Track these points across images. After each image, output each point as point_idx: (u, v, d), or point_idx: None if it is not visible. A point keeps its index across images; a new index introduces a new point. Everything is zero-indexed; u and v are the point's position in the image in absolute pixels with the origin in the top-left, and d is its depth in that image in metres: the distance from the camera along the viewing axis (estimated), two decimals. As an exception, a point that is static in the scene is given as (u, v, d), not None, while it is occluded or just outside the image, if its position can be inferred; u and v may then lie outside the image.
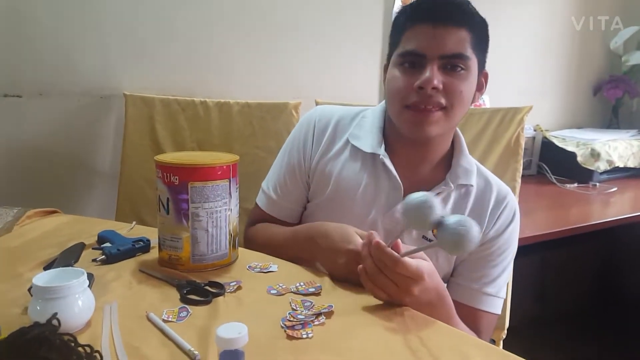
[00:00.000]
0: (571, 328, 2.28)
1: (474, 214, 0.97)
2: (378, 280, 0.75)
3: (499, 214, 0.98)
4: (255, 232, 1.09)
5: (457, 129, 1.02)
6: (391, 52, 0.96)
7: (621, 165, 2.23)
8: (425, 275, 0.74)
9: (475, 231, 0.67)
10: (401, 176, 0.97)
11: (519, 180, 1.31)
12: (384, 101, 1.03)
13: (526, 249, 1.46)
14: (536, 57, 2.43)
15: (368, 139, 1.00)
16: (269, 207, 1.09)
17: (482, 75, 0.97)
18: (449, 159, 1.01)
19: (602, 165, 2.16)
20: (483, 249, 0.98)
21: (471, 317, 0.95)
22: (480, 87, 0.98)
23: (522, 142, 1.33)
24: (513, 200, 1.01)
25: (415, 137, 0.94)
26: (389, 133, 1.01)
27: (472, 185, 0.98)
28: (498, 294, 0.99)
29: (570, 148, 2.20)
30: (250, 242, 1.08)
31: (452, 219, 0.69)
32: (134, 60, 1.53)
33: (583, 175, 2.18)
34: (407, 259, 0.73)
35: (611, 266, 2.53)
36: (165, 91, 1.56)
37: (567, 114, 2.61)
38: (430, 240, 0.96)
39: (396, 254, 0.73)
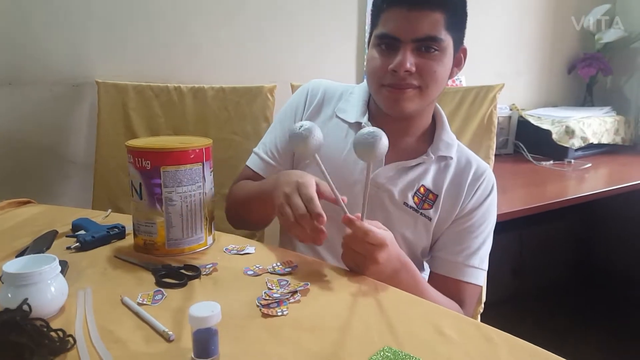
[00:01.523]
0: (548, 303, 2.33)
1: (453, 185, 1.02)
2: (348, 253, 0.80)
3: (477, 187, 1.02)
4: (237, 186, 1.11)
5: (438, 105, 1.07)
6: (371, 31, 0.99)
7: (595, 142, 2.27)
8: (387, 242, 0.78)
9: (382, 142, 0.75)
10: None
11: (493, 157, 1.33)
12: None
13: (504, 225, 1.48)
14: (511, 37, 2.45)
15: (353, 111, 1.06)
16: (260, 166, 1.11)
17: (461, 51, 1.00)
18: (431, 133, 1.05)
19: (576, 142, 2.20)
20: (464, 222, 1.02)
21: (455, 289, 0.99)
22: (459, 63, 1.01)
23: (495, 120, 1.35)
24: (491, 175, 1.06)
25: (392, 114, 0.98)
26: (372, 107, 1.06)
27: (451, 158, 1.03)
28: (481, 266, 1.02)
29: (545, 126, 2.23)
30: (230, 198, 1.11)
31: (365, 130, 0.77)
32: (105, 47, 1.50)
33: (558, 152, 2.21)
34: (373, 228, 0.77)
35: (587, 241, 2.59)
36: (139, 78, 1.53)
37: (542, 92, 2.64)
38: (410, 207, 1.00)
39: (364, 224, 0.77)
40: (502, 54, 2.42)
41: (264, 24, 1.74)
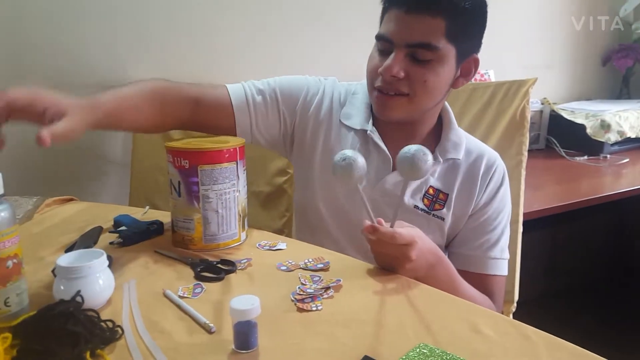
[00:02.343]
0: (581, 302, 2.28)
1: (465, 182, 1.01)
2: (379, 257, 0.81)
3: (489, 180, 1.02)
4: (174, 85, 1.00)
5: (446, 103, 1.04)
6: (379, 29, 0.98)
7: (633, 136, 2.20)
8: (416, 238, 0.78)
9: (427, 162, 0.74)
10: (390, 150, 1.00)
11: (525, 153, 1.32)
12: None
13: (536, 223, 1.47)
14: (542, 28, 2.39)
15: (357, 117, 1.03)
16: (240, 99, 1.01)
17: (471, 61, 0.96)
18: (438, 133, 1.04)
19: (612, 137, 2.13)
20: (478, 217, 1.01)
21: (481, 283, 0.99)
22: (467, 73, 0.97)
23: (528, 115, 1.33)
24: (501, 164, 1.05)
25: (381, 118, 0.98)
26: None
27: (459, 159, 1.01)
28: (502, 256, 1.02)
29: (579, 120, 2.17)
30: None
31: (412, 148, 0.75)
32: (141, 50, 1.55)
33: (593, 147, 2.16)
34: (399, 229, 0.77)
35: (622, 239, 2.52)
36: (173, 79, 1.57)
37: (575, 85, 2.58)
38: (422, 210, 1.00)
39: (390, 228, 0.77)
40: (532, 46, 2.38)
41: (294, 23, 1.76)
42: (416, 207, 1.00)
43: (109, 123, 0.86)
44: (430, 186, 1.00)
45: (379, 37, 0.93)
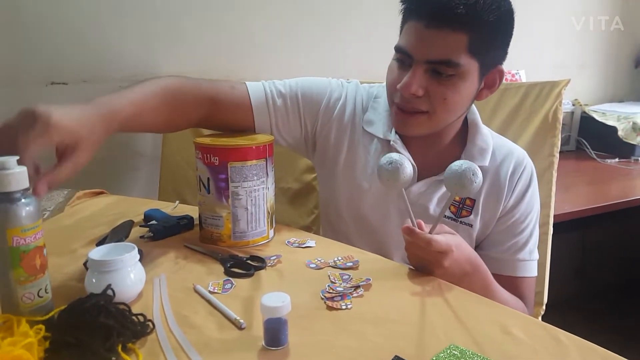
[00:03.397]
0: (611, 304, 2.24)
1: (492, 186, 0.98)
2: (413, 258, 0.80)
3: (516, 181, 0.99)
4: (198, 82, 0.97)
5: (473, 105, 1.00)
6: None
7: (665, 139, 2.16)
8: (453, 248, 0.77)
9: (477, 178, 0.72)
10: (414, 159, 0.97)
11: (557, 155, 1.29)
12: None
13: (566, 225, 1.44)
14: (573, 29, 2.35)
15: (380, 124, 1.01)
16: (260, 100, 0.98)
17: (495, 72, 0.93)
18: (464, 136, 1.00)
19: (644, 140, 2.10)
20: (506, 220, 0.99)
21: (511, 285, 0.97)
22: (492, 85, 0.94)
23: (560, 117, 1.30)
24: (529, 163, 1.01)
25: (401, 133, 0.96)
26: None
27: (485, 165, 0.97)
28: (531, 257, 1.00)
29: (610, 122, 2.14)
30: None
31: (463, 165, 0.73)
32: (173, 45, 1.57)
33: (624, 150, 2.12)
34: (436, 236, 0.76)
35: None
36: (203, 74, 1.57)
37: (607, 87, 2.53)
38: (449, 218, 0.99)
39: (426, 233, 0.76)
40: (564, 46, 2.34)
41: (321, 20, 1.76)
42: (443, 215, 0.98)
43: (125, 129, 0.83)
44: None
45: (398, 49, 0.89)
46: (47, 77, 1.44)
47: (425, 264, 0.79)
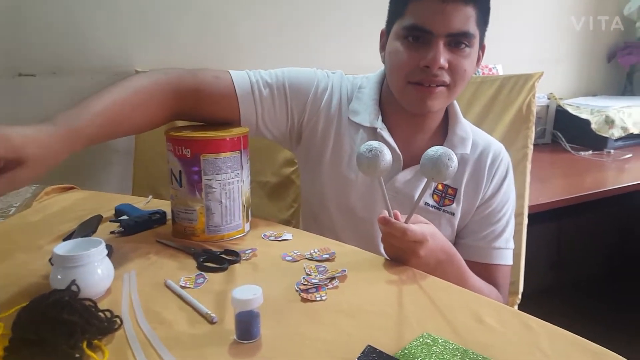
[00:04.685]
0: (586, 294, 2.29)
1: (472, 176, 1.01)
2: (388, 248, 0.80)
3: (494, 171, 1.02)
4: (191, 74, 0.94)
5: None
6: (392, 19, 0.94)
7: (636, 132, 2.20)
8: (428, 237, 0.77)
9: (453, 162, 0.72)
10: (400, 147, 0.99)
11: (531, 147, 1.31)
12: (378, 71, 1.04)
13: (542, 216, 1.46)
14: (550, 25, 2.39)
15: (366, 113, 1.01)
16: (245, 89, 0.96)
17: (481, 48, 0.97)
18: (445, 127, 1.03)
19: (616, 132, 2.14)
20: (485, 208, 1.02)
21: (486, 273, 0.99)
22: (478, 60, 0.97)
23: (534, 109, 1.32)
24: (506, 156, 1.05)
25: (416, 112, 0.96)
26: (385, 105, 1.02)
27: (467, 153, 1.01)
28: (507, 246, 1.03)
29: (584, 115, 2.17)
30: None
31: (439, 150, 0.73)
32: (145, 37, 1.53)
33: (597, 142, 2.17)
34: (411, 225, 0.76)
35: (627, 233, 2.52)
36: (181, 65, 1.55)
37: (581, 81, 2.58)
38: (432, 207, 1.00)
39: (401, 223, 0.76)
40: (540, 41, 2.37)
41: (301, 10, 1.75)
42: (427, 204, 1.00)
43: (97, 140, 0.78)
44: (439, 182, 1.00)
45: (412, 28, 0.89)
46: (14, 69, 1.40)
47: (400, 253, 0.79)
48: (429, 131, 1.02)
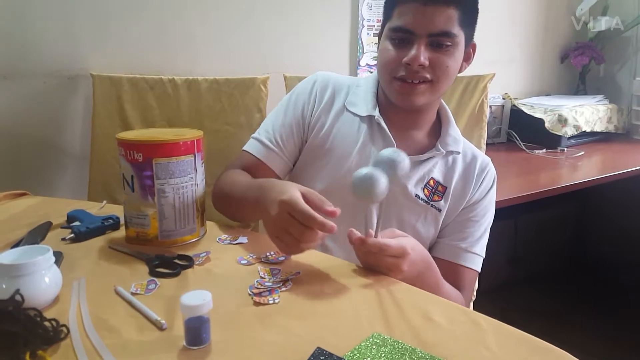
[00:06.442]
0: (542, 290, 2.35)
1: (462, 178, 1.06)
2: (368, 265, 0.79)
3: (482, 179, 1.07)
4: (229, 175, 1.04)
5: (443, 101, 1.09)
6: (384, 22, 1.01)
7: (588, 130, 2.28)
8: (409, 250, 0.77)
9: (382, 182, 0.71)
10: (395, 138, 1.03)
11: (484, 147, 1.34)
12: (376, 71, 1.08)
13: (498, 213, 1.49)
14: (503, 26, 2.45)
15: (363, 104, 1.06)
16: (262, 153, 1.06)
17: (470, 47, 1.02)
18: (438, 128, 1.08)
19: (569, 131, 2.21)
20: (469, 211, 1.06)
21: (454, 274, 1.02)
22: (468, 58, 1.03)
23: (487, 109, 1.35)
24: (492, 169, 1.11)
25: (403, 106, 1.01)
26: (382, 100, 1.07)
27: (458, 152, 1.06)
28: (481, 253, 1.06)
29: (538, 115, 2.23)
30: (219, 184, 1.04)
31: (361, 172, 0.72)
32: (100, 40, 1.50)
33: (551, 141, 2.23)
34: (388, 240, 0.76)
35: (581, 228, 2.61)
36: (133, 70, 1.53)
37: (535, 81, 2.65)
38: (422, 200, 1.03)
39: (379, 240, 0.76)
40: (495, 43, 2.42)
41: (256, 14, 1.74)
42: (417, 196, 1.03)
43: None
44: (432, 178, 1.03)
45: (397, 29, 0.95)
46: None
47: (384, 271, 0.78)
48: (422, 128, 1.07)
